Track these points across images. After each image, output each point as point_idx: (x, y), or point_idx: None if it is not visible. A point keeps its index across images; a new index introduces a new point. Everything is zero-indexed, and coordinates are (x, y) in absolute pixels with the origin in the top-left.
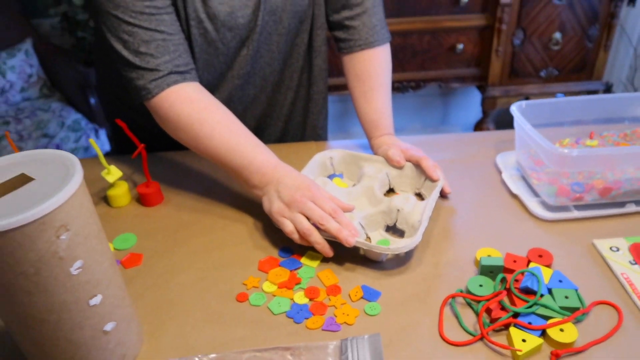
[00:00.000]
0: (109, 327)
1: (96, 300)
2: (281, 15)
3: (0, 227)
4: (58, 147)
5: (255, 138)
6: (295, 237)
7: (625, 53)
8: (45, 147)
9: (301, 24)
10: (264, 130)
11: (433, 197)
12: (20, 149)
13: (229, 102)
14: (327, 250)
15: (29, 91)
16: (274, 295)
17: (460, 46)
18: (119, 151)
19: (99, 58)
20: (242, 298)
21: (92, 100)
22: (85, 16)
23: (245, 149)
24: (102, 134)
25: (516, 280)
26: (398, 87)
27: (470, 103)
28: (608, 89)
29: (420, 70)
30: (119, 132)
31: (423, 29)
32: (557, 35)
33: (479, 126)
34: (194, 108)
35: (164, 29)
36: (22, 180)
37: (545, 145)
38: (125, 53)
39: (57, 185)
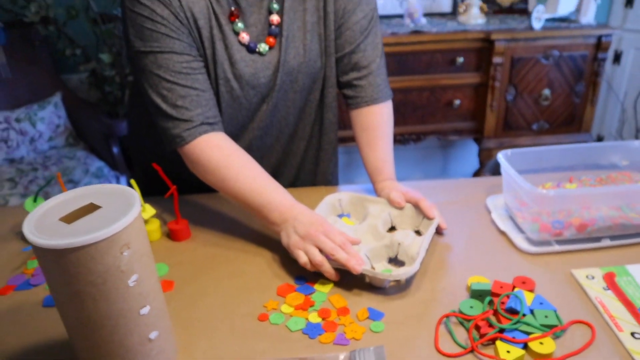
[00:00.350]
0: (153, 335)
1: (145, 310)
2: (297, 76)
3: (77, 243)
4: None
5: (274, 181)
6: (309, 267)
7: (614, 107)
8: None
9: (314, 83)
10: (279, 176)
11: (430, 232)
12: (47, 193)
13: (249, 150)
14: (335, 277)
15: (56, 140)
16: (291, 316)
17: (457, 102)
18: (145, 193)
19: (133, 111)
20: (263, 318)
21: (115, 150)
22: (112, 72)
23: (266, 190)
24: (123, 180)
25: (502, 303)
26: (400, 140)
27: (468, 154)
28: (599, 141)
29: (421, 124)
30: (149, 176)
31: (423, 86)
32: (547, 92)
33: (476, 176)
34: (221, 154)
35: (197, 86)
36: (91, 208)
37: (527, 187)
38: (163, 106)
39: (121, 211)
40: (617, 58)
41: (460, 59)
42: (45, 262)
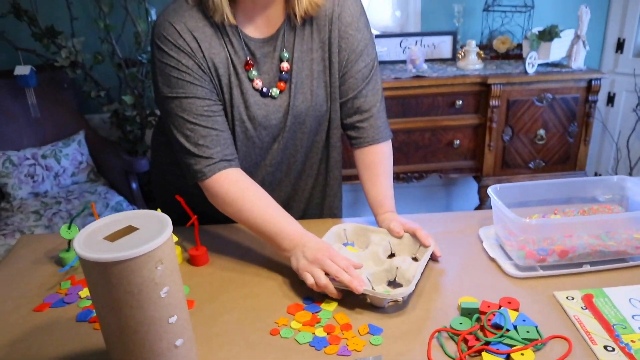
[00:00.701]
0: (179, 342)
1: (173, 319)
2: (305, 119)
3: (119, 257)
4: None
5: (285, 212)
6: (315, 288)
7: (609, 147)
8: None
9: (320, 125)
10: (289, 209)
11: (425, 257)
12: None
13: (261, 185)
14: (337, 296)
15: (78, 176)
16: (300, 330)
17: (457, 142)
18: None
19: (156, 149)
20: (274, 332)
21: (134, 185)
22: (133, 113)
23: (278, 220)
24: None
25: (488, 319)
26: (403, 178)
27: (469, 192)
28: None
29: (423, 163)
30: (169, 209)
31: (425, 127)
32: (541, 132)
33: None
34: (238, 188)
35: (217, 127)
36: (130, 229)
37: (512, 217)
38: (187, 145)
39: (156, 233)
40: (611, 100)
41: (460, 102)
42: (91, 273)
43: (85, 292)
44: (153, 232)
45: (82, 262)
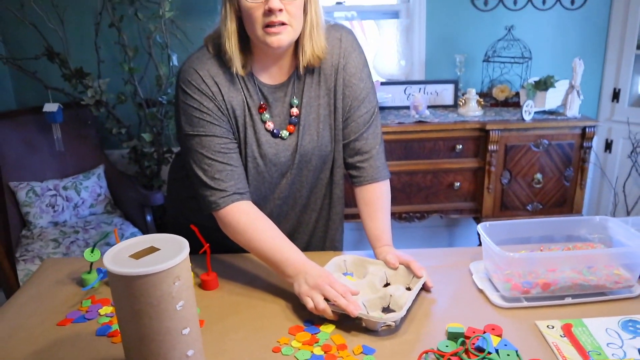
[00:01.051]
0: (190, 352)
1: (186, 330)
2: (311, 157)
3: (143, 272)
4: None
5: (290, 242)
6: (315, 311)
7: (608, 191)
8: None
9: (324, 164)
10: (293, 241)
11: (417, 286)
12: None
13: (269, 217)
14: (335, 319)
15: (96, 207)
16: (299, 349)
17: (457, 184)
18: None
19: (173, 184)
20: (276, 350)
21: (148, 218)
22: (151, 150)
23: (283, 249)
24: None
25: (472, 343)
26: (405, 217)
27: (469, 232)
28: None
29: (425, 203)
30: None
31: (426, 169)
32: (539, 176)
33: None
34: (248, 218)
35: (232, 163)
36: (152, 249)
37: (497, 251)
38: (204, 178)
39: (174, 253)
40: (609, 146)
41: (460, 146)
42: (117, 286)
43: (104, 310)
44: (172, 252)
45: (109, 276)
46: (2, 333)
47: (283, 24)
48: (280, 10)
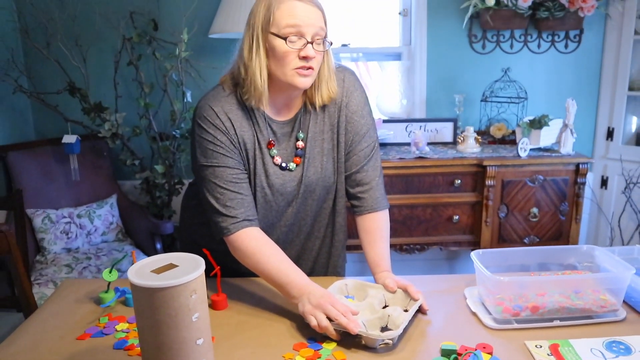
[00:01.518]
0: None
1: (200, 341)
2: (315, 188)
3: (163, 285)
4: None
5: (295, 266)
6: (318, 329)
7: (605, 226)
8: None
9: (328, 194)
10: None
11: (414, 308)
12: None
13: (276, 243)
14: (337, 337)
15: (108, 235)
16: None
17: (456, 217)
18: None
19: (186, 212)
20: None
21: (158, 246)
22: (163, 181)
23: (288, 272)
24: None
25: (464, 359)
26: (406, 249)
27: (469, 265)
28: None
29: (424, 236)
30: None
31: (426, 203)
32: (535, 210)
33: None
34: (257, 243)
35: (242, 192)
36: (171, 266)
37: (488, 275)
38: (217, 205)
39: (191, 269)
40: (604, 183)
41: (459, 181)
42: (139, 297)
43: (121, 326)
44: (189, 268)
45: (132, 288)
46: (25, 345)
47: (310, 68)
48: (314, 57)
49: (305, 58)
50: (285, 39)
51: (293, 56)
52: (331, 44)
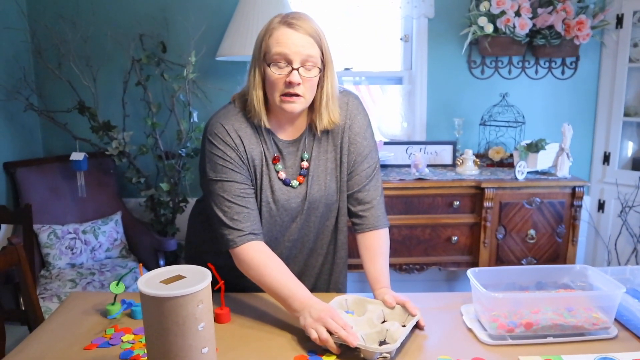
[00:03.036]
0: None
1: (205, 350)
2: (318, 205)
3: (172, 294)
4: None
5: (298, 280)
6: (318, 342)
7: (602, 250)
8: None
9: (330, 212)
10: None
11: (411, 323)
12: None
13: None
14: (336, 351)
15: (112, 251)
16: None
17: (455, 238)
18: None
19: (193, 229)
20: None
21: (161, 262)
22: (167, 199)
23: (291, 286)
24: None
25: None
26: (405, 269)
27: (467, 285)
28: None
29: (424, 256)
30: None
31: (425, 223)
32: (532, 232)
33: None
34: (261, 256)
35: (249, 206)
36: (179, 277)
37: (483, 291)
38: (224, 218)
39: (198, 280)
40: (602, 206)
41: (457, 202)
42: (148, 306)
43: (126, 337)
44: (197, 280)
45: (142, 298)
46: (33, 354)
47: (297, 95)
48: (299, 83)
49: (290, 84)
50: (270, 64)
51: (280, 82)
52: (321, 70)
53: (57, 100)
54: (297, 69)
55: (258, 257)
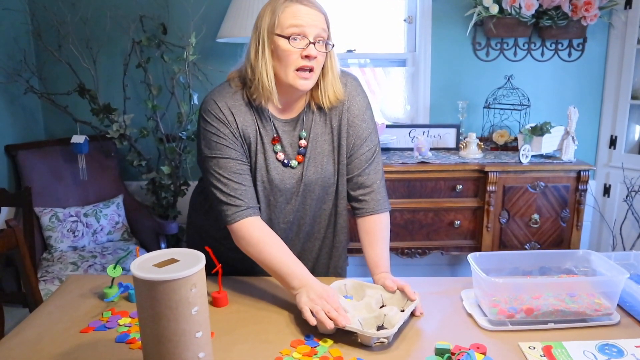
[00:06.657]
0: (202, 355)
1: (199, 334)
2: (314, 187)
3: (165, 278)
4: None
5: (296, 258)
6: (311, 321)
7: (608, 234)
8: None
9: (327, 194)
10: None
11: (410, 308)
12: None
13: None
14: (329, 325)
15: (114, 234)
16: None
17: (457, 222)
18: None
19: (194, 212)
20: (279, 359)
21: (162, 245)
22: (168, 182)
23: (290, 263)
24: None
25: (457, 358)
26: (407, 253)
27: (470, 270)
28: None
29: (426, 240)
30: None
31: (428, 207)
32: (536, 216)
33: None
34: (261, 233)
35: (245, 183)
36: (173, 260)
37: (484, 277)
38: (220, 195)
39: (192, 264)
40: (607, 191)
41: (460, 186)
42: (141, 290)
43: (123, 321)
44: (190, 263)
45: (135, 281)
46: (30, 336)
47: (311, 70)
48: (316, 57)
49: (307, 57)
50: (288, 38)
51: (295, 56)
52: (333, 45)
53: (57, 83)
54: (314, 43)
55: (257, 234)
